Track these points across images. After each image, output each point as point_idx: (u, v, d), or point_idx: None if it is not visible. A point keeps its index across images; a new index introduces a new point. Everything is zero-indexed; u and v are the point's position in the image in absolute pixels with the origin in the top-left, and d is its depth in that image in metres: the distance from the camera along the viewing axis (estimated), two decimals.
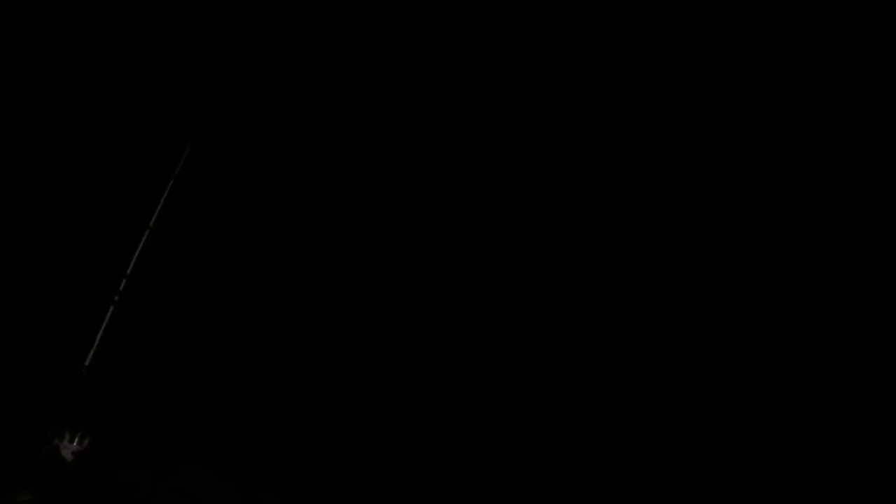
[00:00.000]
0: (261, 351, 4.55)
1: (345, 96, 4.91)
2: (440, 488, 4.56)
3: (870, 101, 4.86)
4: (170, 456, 4.12)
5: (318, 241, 4.72)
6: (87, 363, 3.81)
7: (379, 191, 4.84)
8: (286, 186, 4.73)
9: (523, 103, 5.13)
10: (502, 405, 4.78)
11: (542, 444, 4.76)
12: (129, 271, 4.22)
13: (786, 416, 4.73)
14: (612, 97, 5.11)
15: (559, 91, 5.12)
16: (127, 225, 4.32)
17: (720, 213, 5.02)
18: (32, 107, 4.29)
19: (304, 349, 4.55)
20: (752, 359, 4.85)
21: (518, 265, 4.97)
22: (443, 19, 4.97)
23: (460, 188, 5.00)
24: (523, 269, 4.97)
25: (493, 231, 5.00)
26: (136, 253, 4.23)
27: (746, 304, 4.91)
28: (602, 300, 4.98)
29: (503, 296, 4.91)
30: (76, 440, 3.63)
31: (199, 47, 4.71)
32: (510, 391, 4.81)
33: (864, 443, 4.62)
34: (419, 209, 4.95)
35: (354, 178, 4.75)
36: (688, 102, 5.06)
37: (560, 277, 5.00)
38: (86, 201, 4.28)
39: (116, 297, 4.11)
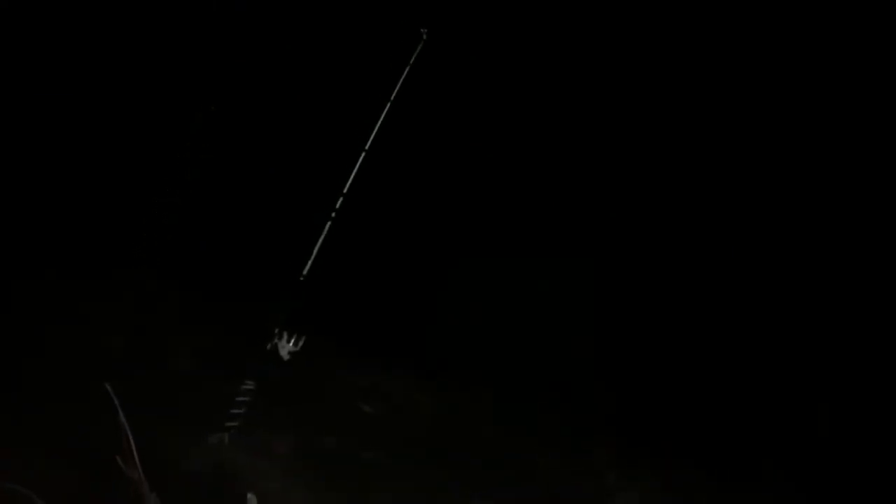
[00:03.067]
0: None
1: (347, 96, 4.85)
2: None
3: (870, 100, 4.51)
4: (372, 358, 4.54)
5: None
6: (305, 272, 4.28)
7: (381, 192, 4.78)
8: (287, 187, 4.86)
9: (524, 103, 4.93)
10: None
11: None
12: None
13: (785, 414, 4.45)
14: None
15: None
16: None
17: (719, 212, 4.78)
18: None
19: None
20: (751, 358, 4.56)
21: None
22: (446, 18, 4.74)
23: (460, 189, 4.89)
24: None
25: (492, 233, 4.91)
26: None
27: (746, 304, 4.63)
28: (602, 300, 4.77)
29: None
30: (293, 341, 4.16)
31: (200, 48, 4.85)
32: None
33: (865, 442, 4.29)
34: (421, 210, 4.93)
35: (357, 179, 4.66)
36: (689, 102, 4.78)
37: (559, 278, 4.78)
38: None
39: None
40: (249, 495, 3.79)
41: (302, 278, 4.24)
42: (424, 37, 4.67)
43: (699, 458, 4.37)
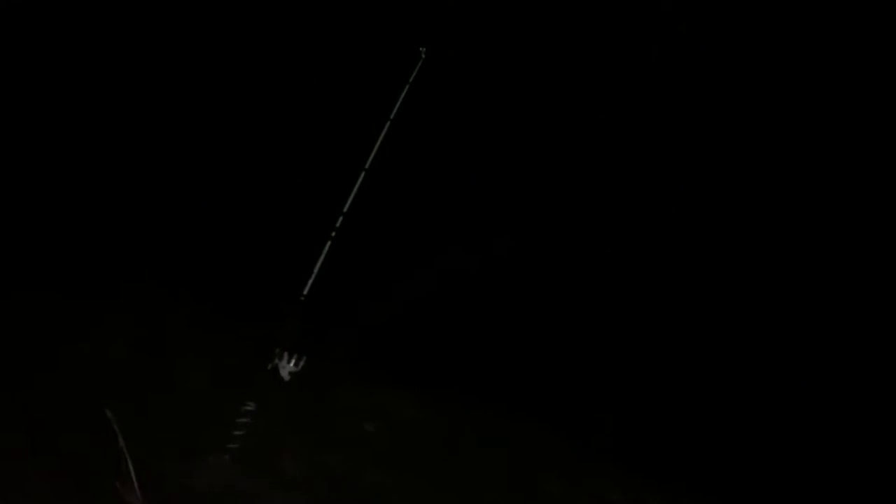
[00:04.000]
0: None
1: (346, 115, 4.96)
2: None
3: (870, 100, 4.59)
4: (379, 378, 4.62)
5: None
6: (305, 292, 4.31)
7: (382, 211, 4.83)
8: (287, 206, 4.94)
9: (523, 119, 5.04)
10: None
11: None
12: None
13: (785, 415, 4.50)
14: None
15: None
16: None
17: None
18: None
19: None
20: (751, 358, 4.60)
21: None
22: (445, 37, 4.82)
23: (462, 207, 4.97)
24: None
25: (495, 252, 5.00)
26: None
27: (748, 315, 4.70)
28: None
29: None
30: (293, 361, 4.19)
31: (202, 55, 4.94)
32: None
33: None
34: (422, 229, 5.01)
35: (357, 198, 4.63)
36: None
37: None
38: None
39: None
40: None
41: (302, 298, 4.27)
42: (423, 55, 4.68)
43: (702, 479, 4.42)
